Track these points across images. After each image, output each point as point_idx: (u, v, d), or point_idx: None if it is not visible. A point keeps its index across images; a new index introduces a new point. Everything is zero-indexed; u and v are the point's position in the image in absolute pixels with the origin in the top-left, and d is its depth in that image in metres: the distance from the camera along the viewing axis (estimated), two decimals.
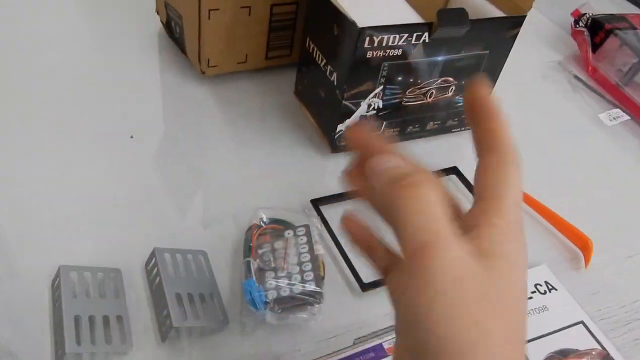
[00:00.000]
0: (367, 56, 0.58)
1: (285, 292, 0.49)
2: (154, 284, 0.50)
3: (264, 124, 0.71)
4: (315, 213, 0.59)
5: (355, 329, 0.50)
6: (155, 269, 0.50)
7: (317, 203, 0.60)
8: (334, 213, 0.59)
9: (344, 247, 0.56)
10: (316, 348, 0.48)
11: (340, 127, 0.64)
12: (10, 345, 0.43)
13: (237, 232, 0.57)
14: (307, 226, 0.54)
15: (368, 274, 0.53)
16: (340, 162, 0.66)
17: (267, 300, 0.48)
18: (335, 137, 0.65)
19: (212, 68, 0.73)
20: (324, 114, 0.67)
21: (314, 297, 0.49)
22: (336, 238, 0.57)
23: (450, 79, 0.65)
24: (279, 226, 0.55)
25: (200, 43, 0.70)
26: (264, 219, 0.56)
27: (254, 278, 0.49)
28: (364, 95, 0.62)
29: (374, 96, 0.63)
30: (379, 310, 0.51)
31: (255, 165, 0.65)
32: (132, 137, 0.66)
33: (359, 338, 0.38)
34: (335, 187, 0.63)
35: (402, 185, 0.27)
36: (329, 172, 0.65)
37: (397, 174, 0.28)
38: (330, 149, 0.66)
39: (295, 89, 0.73)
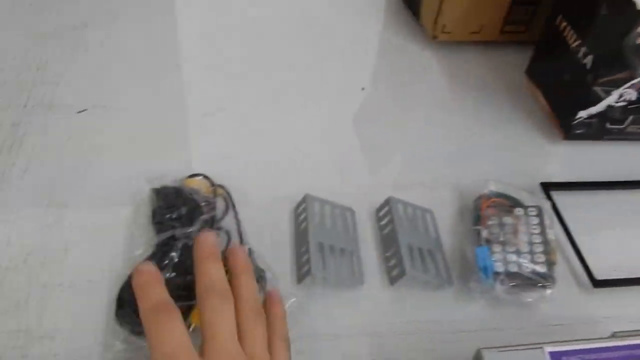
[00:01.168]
0: (637, 42, 0.54)
1: (513, 269, 0.48)
2: (385, 230, 0.51)
3: (489, 98, 0.69)
4: (545, 197, 0.56)
5: (582, 323, 0.48)
6: (389, 217, 0.51)
7: (547, 187, 0.57)
8: (565, 201, 0.56)
9: (574, 237, 0.53)
10: (540, 331, 0.47)
11: (581, 113, 0.61)
12: (265, 258, 0.47)
13: (460, 199, 0.57)
14: (539, 207, 0.53)
15: (601, 270, 0.51)
16: (575, 150, 0.63)
17: (498, 271, 0.48)
18: (573, 123, 0.61)
19: (445, 34, 0.73)
20: (562, 98, 0.64)
21: (545, 280, 0.47)
22: (567, 227, 0.54)
23: None
24: (506, 202, 0.54)
25: (441, 7, 0.70)
26: (493, 191, 0.55)
27: (488, 248, 0.49)
28: (619, 83, 0.58)
29: (630, 86, 0.58)
30: (611, 310, 0.48)
31: (478, 138, 0.64)
32: (363, 89, 0.68)
33: (619, 332, 0.36)
34: (565, 175, 0.60)
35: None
36: (560, 159, 0.62)
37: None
38: (562, 135, 0.63)
39: (528, 68, 0.70)
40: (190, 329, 0.42)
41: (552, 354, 0.33)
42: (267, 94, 0.65)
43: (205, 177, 0.52)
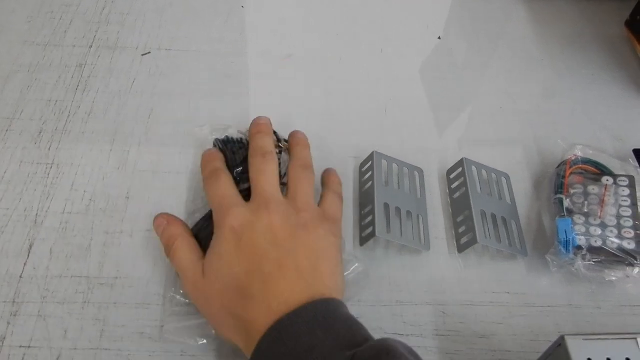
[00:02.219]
0: None
1: (597, 243, 0.44)
2: (456, 193, 0.48)
3: (581, 52, 0.62)
4: (638, 165, 0.51)
5: None
6: (461, 179, 0.48)
7: None
8: None
9: None
10: (621, 313, 0.43)
11: None
12: None
13: (541, 163, 0.52)
14: (631, 178, 0.47)
15: None
16: None
17: (580, 245, 0.44)
18: None
19: None
20: None
21: (633, 258, 0.43)
22: None
23: None
24: (595, 169, 0.49)
25: None
26: (580, 157, 0.50)
27: (571, 219, 0.45)
28: None
29: None
30: None
31: (563, 95, 0.58)
32: (439, 38, 0.63)
33: None
34: None
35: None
36: None
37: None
38: None
39: (629, 20, 0.62)
40: None
41: None
42: (336, 41, 0.61)
43: None
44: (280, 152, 0.46)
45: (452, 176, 0.49)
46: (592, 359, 0.29)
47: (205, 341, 0.39)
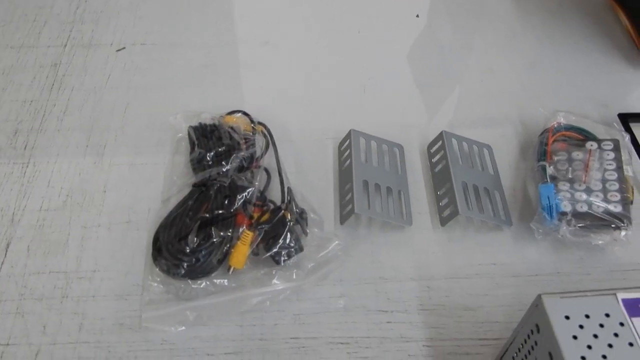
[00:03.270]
0: None
1: (582, 208, 0.43)
2: (437, 167, 0.47)
3: (564, 23, 0.61)
4: (623, 130, 0.50)
5: None
6: (442, 153, 0.47)
7: (626, 118, 0.51)
8: None
9: None
10: (609, 277, 0.42)
11: None
12: (307, 198, 0.45)
13: (525, 133, 0.51)
14: (616, 141, 0.46)
15: None
16: None
17: (564, 211, 0.43)
18: None
19: None
20: None
21: (619, 221, 0.42)
22: None
23: None
24: (578, 135, 0.48)
25: None
26: (562, 124, 0.49)
27: (553, 185, 0.44)
28: None
29: None
30: None
31: (547, 66, 0.57)
32: (417, 16, 0.62)
33: None
34: None
35: None
36: None
37: None
38: None
39: None
40: (230, 272, 0.40)
41: (626, 301, 0.28)
42: (312, 25, 0.61)
43: (245, 113, 0.49)
44: (253, 135, 0.45)
45: (432, 150, 0.49)
46: (570, 317, 0.28)
47: (184, 327, 0.39)
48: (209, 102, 0.53)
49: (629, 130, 0.50)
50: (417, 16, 0.62)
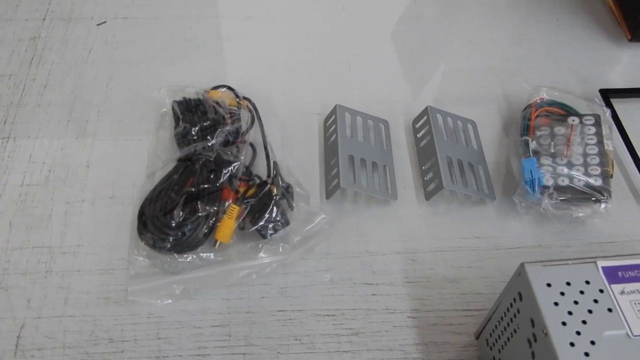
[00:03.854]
0: None
1: (564, 182, 0.44)
2: (422, 142, 0.47)
3: None
4: (604, 105, 0.50)
5: (638, 240, 0.43)
6: (427, 128, 0.47)
7: (607, 94, 0.51)
8: (628, 109, 0.51)
9: (636, 149, 0.48)
10: (589, 249, 0.43)
11: None
12: (293, 172, 0.45)
13: (508, 109, 0.52)
14: (597, 116, 0.47)
15: None
16: None
17: (546, 185, 0.43)
18: None
19: None
20: None
21: (600, 194, 0.43)
22: (627, 137, 0.49)
23: None
24: (560, 110, 0.49)
25: None
26: (545, 99, 0.49)
27: (536, 159, 0.44)
28: None
29: None
30: None
31: (530, 42, 0.57)
32: None
33: None
34: (629, 81, 0.53)
35: None
36: (624, 62, 0.56)
37: None
38: (629, 36, 0.56)
39: None
40: (216, 246, 0.40)
41: (605, 269, 0.29)
42: (297, 1, 0.60)
43: (230, 88, 0.48)
44: (239, 109, 0.45)
45: (417, 125, 0.49)
46: (551, 284, 0.29)
47: (170, 301, 0.39)
48: (193, 77, 0.52)
49: (609, 105, 0.51)
50: None
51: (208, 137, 0.43)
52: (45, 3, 0.58)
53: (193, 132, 0.43)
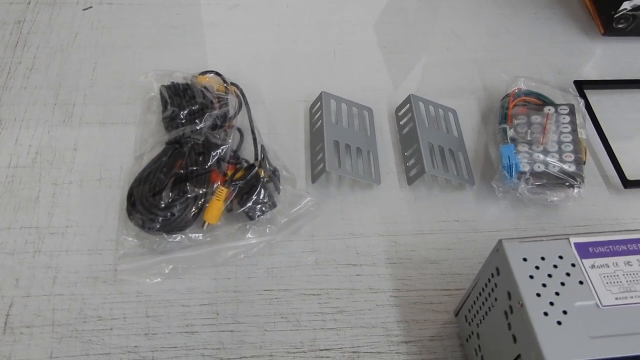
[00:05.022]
0: None
1: (540, 168, 0.46)
2: (405, 129, 0.49)
3: None
4: (579, 95, 0.52)
5: (609, 225, 0.46)
6: (409, 115, 0.49)
7: (581, 85, 0.53)
8: (600, 100, 0.53)
9: (608, 138, 0.50)
10: (562, 231, 0.45)
11: (625, 4, 0.55)
12: (279, 157, 0.46)
13: (487, 99, 0.53)
14: (571, 106, 0.49)
15: (633, 171, 0.48)
16: (614, 47, 0.58)
17: (523, 170, 0.45)
18: (615, 16, 0.56)
19: None
20: None
21: (573, 179, 0.45)
22: (600, 126, 0.51)
23: None
24: (537, 100, 0.51)
25: None
26: (522, 89, 0.51)
27: (513, 145, 0.46)
28: None
29: None
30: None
31: (509, 35, 0.59)
32: None
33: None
34: (602, 73, 0.55)
35: None
36: (597, 55, 0.58)
37: None
38: (602, 30, 0.58)
39: None
40: (205, 227, 0.41)
41: (577, 245, 0.31)
42: None
43: (217, 74, 0.49)
44: (227, 94, 0.46)
45: (400, 113, 0.50)
46: (527, 259, 0.30)
47: (159, 279, 0.39)
48: (179, 63, 0.53)
49: (583, 96, 0.53)
50: None
51: (196, 120, 0.44)
52: None
53: (181, 116, 0.44)
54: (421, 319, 0.40)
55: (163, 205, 0.40)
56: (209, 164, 0.42)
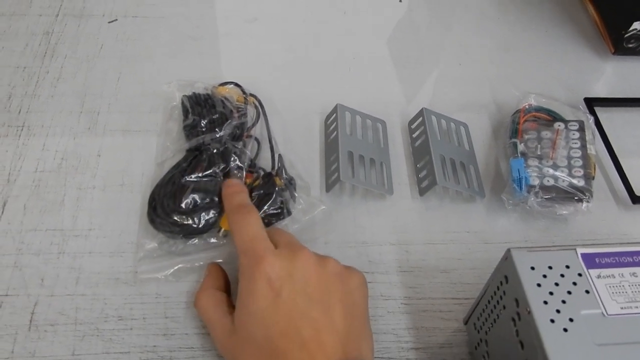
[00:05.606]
0: None
1: (549, 182, 0.47)
2: (417, 141, 0.50)
3: (536, 11, 0.65)
4: (588, 112, 0.54)
5: (617, 240, 0.46)
6: (422, 128, 0.50)
7: (591, 102, 0.54)
8: (609, 117, 0.54)
9: (617, 154, 0.51)
10: (570, 244, 0.46)
11: (636, 25, 0.56)
12: (295, 166, 0.47)
13: (498, 114, 0.55)
14: (581, 122, 0.50)
15: None
16: (624, 66, 0.59)
17: (532, 184, 0.46)
18: (625, 36, 0.57)
19: None
20: (615, 7, 0.59)
21: (582, 194, 0.46)
22: (609, 143, 0.52)
23: None
24: (547, 116, 0.52)
25: None
26: (533, 105, 0.52)
27: (523, 159, 0.47)
28: None
29: None
30: None
31: (519, 52, 0.61)
32: (400, 1, 0.65)
33: None
34: (612, 91, 0.57)
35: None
36: (608, 73, 0.59)
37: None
38: (612, 49, 0.59)
39: None
40: (220, 233, 0.42)
41: (584, 255, 0.32)
42: (300, 3, 0.63)
43: (237, 85, 0.51)
44: (246, 104, 0.47)
45: (413, 126, 0.52)
46: (535, 267, 0.32)
47: (177, 282, 0.41)
48: (198, 73, 0.54)
49: (593, 113, 0.54)
50: (400, 1, 0.64)
51: (216, 129, 0.45)
52: (58, 0, 0.60)
53: (202, 124, 0.45)
54: (431, 327, 0.41)
55: (183, 210, 0.41)
56: (227, 171, 0.43)
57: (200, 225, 0.41)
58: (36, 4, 0.60)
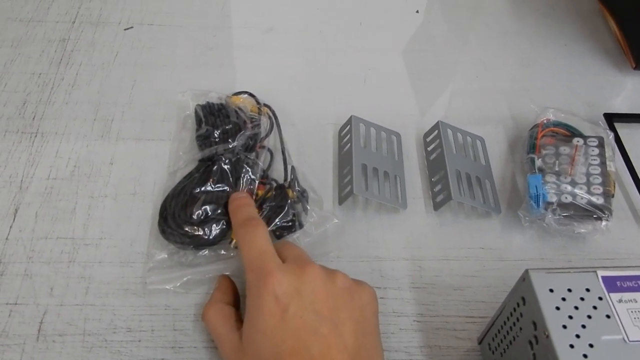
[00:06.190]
0: None
1: (567, 199, 0.46)
2: (432, 155, 0.49)
3: (556, 26, 0.64)
4: (608, 128, 0.52)
5: (637, 258, 0.45)
6: (437, 141, 0.49)
7: (611, 118, 0.53)
8: (630, 133, 0.53)
9: (637, 171, 0.50)
10: (589, 264, 0.45)
11: None
12: (307, 178, 0.47)
13: (515, 128, 0.54)
14: (601, 138, 0.49)
15: None
16: None
17: (550, 201, 0.45)
18: None
19: None
20: (636, 23, 0.58)
21: (601, 212, 0.45)
22: (629, 160, 0.51)
23: None
24: (566, 131, 0.51)
25: None
26: (551, 120, 0.51)
27: (541, 175, 0.46)
28: None
29: None
30: None
31: (536, 65, 0.60)
32: (417, 12, 0.64)
33: None
34: (633, 107, 0.55)
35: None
36: (628, 89, 0.58)
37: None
38: (633, 65, 0.58)
39: None
40: (231, 245, 0.42)
41: (605, 278, 0.31)
42: (316, 14, 0.63)
43: (251, 95, 0.51)
44: (259, 115, 0.47)
45: (428, 139, 0.51)
46: (553, 290, 0.31)
47: (187, 293, 0.40)
48: (213, 83, 0.54)
49: (613, 129, 0.53)
50: (417, 12, 0.64)
51: (229, 139, 0.45)
52: (75, 7, 0.60)
53: (215, 135, 0.45)
54: (444, 345, 0.40)
55: (194, 221, 0.41)
56: (239, 182, 0.43)
57: (211, 237, 0.41)
58: (54, 11, 0.60)
